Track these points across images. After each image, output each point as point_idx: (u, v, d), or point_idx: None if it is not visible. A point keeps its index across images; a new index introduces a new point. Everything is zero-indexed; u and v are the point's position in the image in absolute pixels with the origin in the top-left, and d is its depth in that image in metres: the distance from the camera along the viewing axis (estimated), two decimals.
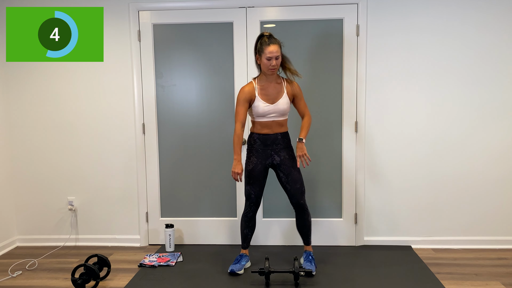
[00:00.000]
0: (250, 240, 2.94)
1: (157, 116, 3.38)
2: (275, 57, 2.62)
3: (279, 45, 2.65)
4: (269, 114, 2.73)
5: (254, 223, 2.90)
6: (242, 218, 2.89)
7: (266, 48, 2.62)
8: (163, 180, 3.44)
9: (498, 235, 3.31)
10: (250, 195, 2.83)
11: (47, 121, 3.43)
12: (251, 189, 2.81)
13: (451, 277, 2.76)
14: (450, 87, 3.22)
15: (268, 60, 2.63)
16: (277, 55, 2.63)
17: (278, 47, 2.64)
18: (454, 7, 3.15)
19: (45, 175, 3.48)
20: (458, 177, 3.28)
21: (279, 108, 2.73)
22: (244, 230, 2.90)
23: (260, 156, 2.79)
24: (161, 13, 3.27)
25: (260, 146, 2.79)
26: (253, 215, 2.88)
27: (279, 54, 2.64)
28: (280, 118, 2.77)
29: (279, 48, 2.64)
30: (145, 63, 3.32)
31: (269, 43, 2.62)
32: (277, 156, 2.79)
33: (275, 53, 2.62)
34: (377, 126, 3.28)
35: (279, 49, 2.65)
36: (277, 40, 2.68)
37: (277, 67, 2.67)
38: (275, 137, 2.78)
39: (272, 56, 2.62)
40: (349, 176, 3.33)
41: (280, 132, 2.79)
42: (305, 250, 2.94)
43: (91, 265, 2.62)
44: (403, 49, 3.20)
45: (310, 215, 2.87)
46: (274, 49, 2.61)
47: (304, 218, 2.85)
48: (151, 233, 3.49)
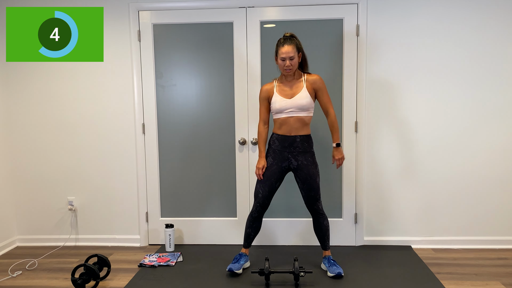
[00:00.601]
0: (252, 240, 2.89)
1: (157, 116, 3.38)
2: (289, 58, 2.60)
3: (295, 46, 2.61)
4: (286, 109, 2.68)
5: (258, 224, 2.85)
6: (248, 218, 2.86)
7: (280, 49, 2.62)
8: (163, 180, 3.44)
9: (498, 235, 3.31)
10: (258, 194, 2.79)
11: (47, 121, 3.43)
12: (260, 188, 2.77)
13: (451, 277, 2.76)
14: (450, 87, 3.22)
15: (282, 60, 2.62)
16: (291, 55, 2.59)
17: (292, 47, 2.60)
18: (454, 7, 3.15)
19: (45, 175, 3.48)
20: (458, 177, 3.29)
21: (297, 103, 2.66)
22: (247, 229, 2.87)
23: (276, 157, 2.75)
24: (161, 13, 3.27)
25: (278, 147, 2.75)
26: (259, 216, 2.82)
27: (293, 55, 2.60)
28: (299, 114, 2.68)
29: (293, 49, 2.60)
30: (145, 63, 3.32)
31: (283, 44, 2.61)
32: (294, 161, 2.74)
33: (289, 54, 2.59)
34: (377, 126, 3.28)
35: (294, 50, 2.60)
36: (295, 40, 2.64)
37: (292, 67, 2.63)
38: (293, 140, 2.71)
39: (286, 56, 2.59)
40: (349, 176, 3.33)
41: (299, 135, 2.71)
42: (324, 256, 2.87)
43: (91, 265, 2.61)
44: (403, 49, 3.20)
45: (326, 219, 2.80)
46: (288, 50, 2.59)
47: (319, 222, 2.79)
48: (151, 233, 3.49)
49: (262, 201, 2.78)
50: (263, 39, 3.24)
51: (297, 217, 3.39)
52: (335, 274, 2.70)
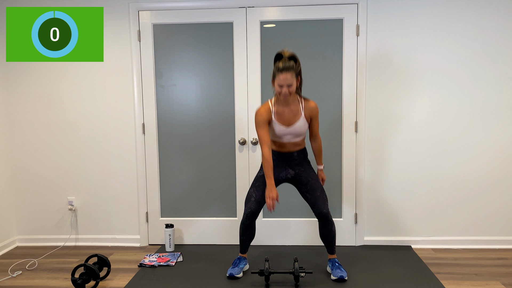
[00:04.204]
0: (248, 245, 2.85)
1: (157, 116, 3.38)
2: (286, 85, 2.49)
3: (294, 72, 2.49)
4: (285, 135, 2.67)
5: (252, 231, 2.78)
6: (240, 226, 2.79)
7: (278, 75, 2.49)
8: (163, 180, 3.44)
9: (498, 235, 3.31)
10: (250, 198, 2.73)
11: (47, 121, 3.43)
12: (254, 191, 2.72)
13: (451, 277, 2.76)
14: (450, 87, 3.22)
15: (280, 87, 2.52)
16: (289, 83, 2.49)
17: (291, 75, 2.48)
18: (454, 7, 3.16)
19: (45, 175, 3.48)
20: (458, 177, 3.29)
21: (295, 131, 2.65)
22: (241, 236, 2.81)
23: (274, 168, 2.75)
24: (161, 13, 3.27)
25: (275, 161, 2.75)
26: (251, 223, 2.74)
27: (291, 82, 2.49)
28: (296, 139, 2.70)
29: (292, 76, 2.48)
30: (145, 63, 3.32)
31: (281, 70, 2.47)
32: (291, 170, 2.74)
33: (287, 81, 2.48)
34: (377, 126, 3.28)
35: (293, 77, 2.49)
36: (294, 65, 2.50)
37: (290, 94, 2.54)
38: (290, 155, 2.72)
39: (284, 84, 2.49)
40: (349, 176, 3.33)
41: (296, 150, 2.73)
42: (330, 259, 2.82)
43: (91, 265, 2.61)
44: (403, 49, 3.20)
45: (334, 224, 2.74)
46: (286, 77, 2.47)
47: (328, 228, 2.71)
48: (151, 233, 3.49)
49: (254, 206, 2.69)
50: (263, 39, 3.24)
51: (297, 217, 3.39)
52: (337, 277, 2.69)
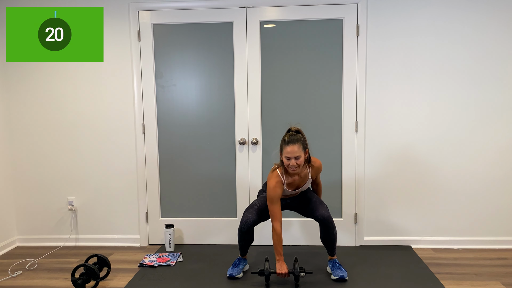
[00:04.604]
0: (247, 249, 2.85)
1: (157, 116, 3.38)
2: (294, 157, 2.50)
3: (301, 144, 2.51)
4: (291, 194, 2.77)
5: (250, 237, 2.78)
6: (238, 232, 2.78)
7: (285, 148, 2.51)
8: (163, 180, 3.44)
9: (498, 235, 3.31)
10: (253, 206, 2.75)
11: (47, 121, 3.43)
12: (258, 201, 2.78)
13: (451, 277, 2.76)
14: (450, 88, 3.22)
15: (288, 159, 2.52)
16: (297, 155, 2.49)
17: (298, 146, 2.49)
18: (454, 7, 3.15)
19: (45, 175, 3.48)
20: (458, 177, 3.29)
21: (301, 190, 2.76)
22: (240, 242, 2.81)
23: None
24: (161, 13, 3.27)
25: None
26: (249, 231, 2.73)
27: (299, 154, 2.50)
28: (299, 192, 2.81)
29: (299, 148, 2.50)
30: (145, 63, 3.32)
31: (288, 143, 2.50)
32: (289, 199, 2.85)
33: (294, 154, 2.49)
34: (377, 126, 3.28)
35: (300, 149, 2.50)
36: (300, 137, 2.54)
37: (298, 166, 2.53)
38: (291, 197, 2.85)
39: (291, 156, 2.50)
40: (349, 176, 3.33)
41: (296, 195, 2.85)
42: (330, 259, 2.84)
43: (91, 265, 2.61)
44: (403, 49, 3.20)
45: (335, 228, 2.73)
46: (293, 150, 2.48)
47: (329, 232, 2.71)
48: (151, 233, 3.49)
49: (256, 211, 2.72)
50: (263, 39, 3.24)
51: (297, 217, 3.39)
52: (338, 277, 2.69)
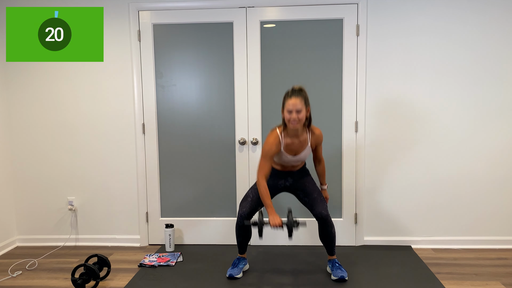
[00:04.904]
0: (246, 246, 2.85)
1: (157, 116, 3.38)
2: (296, 110, 2.50)
3: (303, 99, 2.54)
4: (289, 162, 2.74)
5: (247, 231, 2.78)
6: (236, 227, 2.78)
7: (287, 101, 2.54)
8: (163, 180, 3.44)
9: (498, 235, 3.31)
10: (247, 198, 2.76)
11: (47, 121, 3.43)
12: (251, 192, 2.77)
13: (451, 277, 2.76)
14: (450, 88, 3.22)
15: (289, 113, 2.52)
16: (298, 108, 2.50)
17: (300, 100, 2.52)
18: (454, 8, 3.16)
19: (45, 175, 3.48)
20: (458, 177, 3.29)
21: (300, 158, 2.72)
22: (238, 238, 2.81)
23: (273, 176, 2.80)
24: (161, 13, 3.27)
25: (274, 175, 2.81)
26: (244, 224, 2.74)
27: (300, 108, 2.51)
28: (298, 163, 2.78)
29: (301, 102, 2.52)
30: (145, 63, 3.32)
31: (290, 96, 2.54)
32: (290, 178, 2.81)
33: (296, 106, 2.50)
34: (377, 126, 3.28)
35: (302, 103, 2.52)
36: (303, 93, 2.57)
37: (299, 121, 2.53)
38: (290, 172, 2.81)
39: (293, 109, 2.51)
40: (349, 176, 3.33)
41: (296, 170, 2.82)
42: (330, 259, 2.84)
43: (91, 265, 2.61)
44: (403, 49, 3.20)
45: (333, 226, 2.74)
46: (295, 102, 2.51)
47: (327, 230, 2.71)
48: (151, 233, 3.49)
49: (250, 205, 2.72)
50: (263, 39, 3.24)
51: (297, 217, 3.38)
52: (338, 277, 2.69)
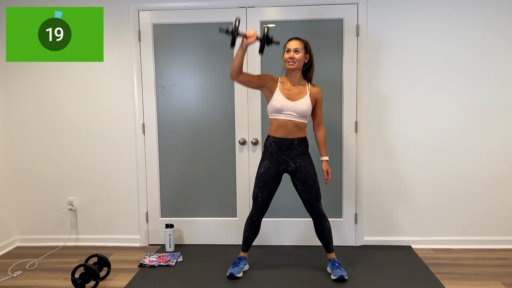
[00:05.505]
0: (251, 243, 2.87)
1: (157, 116, 3.38)
2: (293, 50, 2.64)
3: (303, 44, 2.67)
4: (286, 110, 2.66)
5: (257, 227, 2.83)
6: (247, 221, 2.83)
7: (288, 43, 2.68)
8: (163, 180, 3.44)
9: (498, 235, 3.31)
10: (257, 198, 2.76)
11: (47, 121, 3.43)
12: (259, 192, 2.75)
13: (451, 277, 2.76)
14: (450, 88, 3.22)
15: (287, 52, 2.65)
16: (296, 47, 2.63)
17: (300, 43, 2.65)
18: (454, 7, 3.16)
19: (45, 175, 3.48)
20: (458, 176, 3.29)
21: (298, 108, 2.65)
22: (246, 233, 2.84)
23: (274, 161, 2.72)
24: (161, 13, 3.27)
25: (275, 150, 2.71)
26: (258, 220, 2.80)
27: (299, 47, 2.64)
28: (298, 120, 2.68)
29: (301, 45, 2.65)
30: (145, 63, 3.32)
31: (292, 38, 2.69)
32: (292, 163, 2.71)
33: (294, 46, 2.64)
34: (377, 126, 3.28)
35: (301, 46, 2.65)
36: (304, 40, 2.69)
37: (296, 61, 2.64)
38: (291, 142, 2.69)
39: (291, 48, 2.64)
40: (349, 176, 3.33)
41: (296, 138, 2.70)
42: (329, 259, 2.84)
43: (91, 265, 2.62)
44: (403, 49, 3.20)
45: (328, 220, 2.76)
46: (295, 43, 2.65)
47: (321, 224, 2.75)
48: (151, 233, 3.49)
49: (262, 204, 2.77)
50: None
51: (297, 217, 3.38)
52: (337, 277, 2.69)
